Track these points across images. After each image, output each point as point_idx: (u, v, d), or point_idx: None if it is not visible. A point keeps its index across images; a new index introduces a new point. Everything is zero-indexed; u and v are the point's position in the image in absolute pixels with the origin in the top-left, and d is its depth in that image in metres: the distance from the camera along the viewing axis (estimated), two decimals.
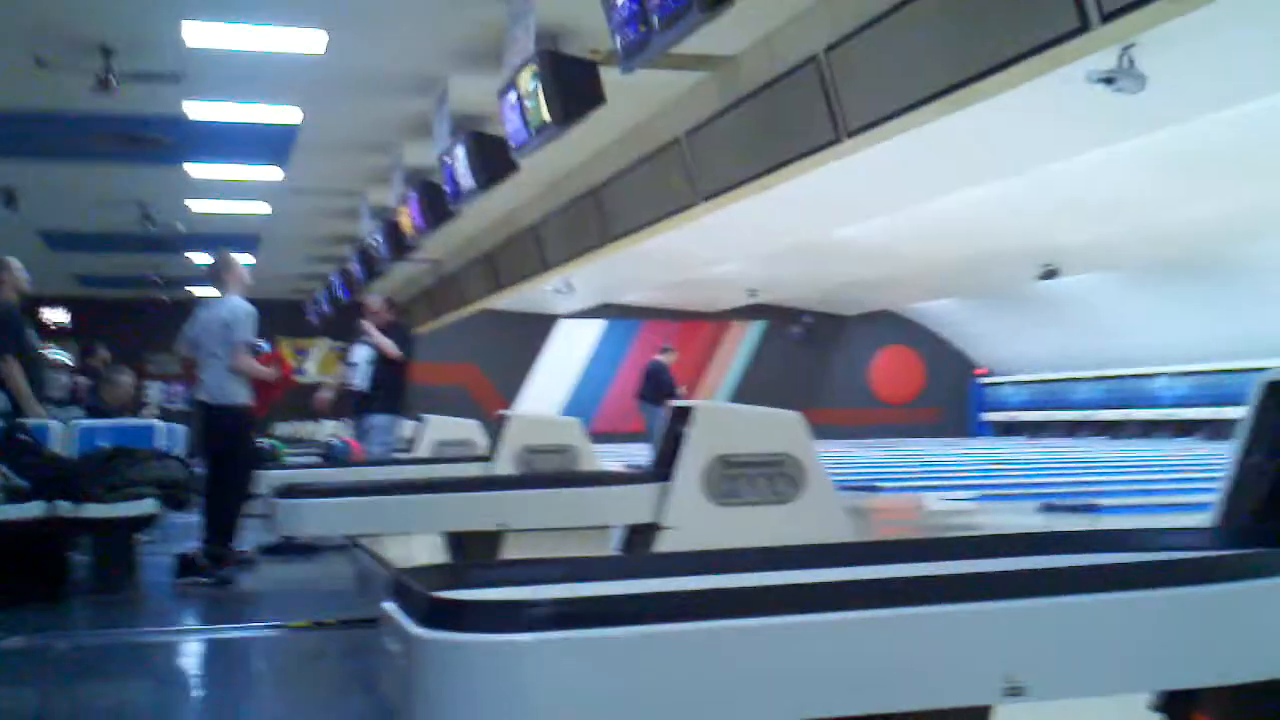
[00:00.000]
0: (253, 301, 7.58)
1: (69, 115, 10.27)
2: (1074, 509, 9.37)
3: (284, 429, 18.18)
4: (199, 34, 8.29)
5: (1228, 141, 11.48)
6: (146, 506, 5.99)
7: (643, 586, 2.26)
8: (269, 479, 7.36)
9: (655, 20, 6.01)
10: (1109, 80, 7.49)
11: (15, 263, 8.20)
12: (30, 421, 6.77)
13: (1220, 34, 7.20)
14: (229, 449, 7.11)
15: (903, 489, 12.54)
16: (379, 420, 9.45)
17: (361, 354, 9.44)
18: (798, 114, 8.12)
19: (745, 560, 2.45)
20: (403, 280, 21.05)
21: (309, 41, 8.51)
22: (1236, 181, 13.24)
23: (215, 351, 7.10)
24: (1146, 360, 21.92)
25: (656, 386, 16.17)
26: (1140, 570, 2.21)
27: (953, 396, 27.24)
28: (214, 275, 7.51)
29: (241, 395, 7.14)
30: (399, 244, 13.26)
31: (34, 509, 5.82)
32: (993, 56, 6.21)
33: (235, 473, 7.08)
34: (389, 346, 9.27)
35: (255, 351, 7.52)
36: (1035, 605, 2.10)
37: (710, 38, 6.72)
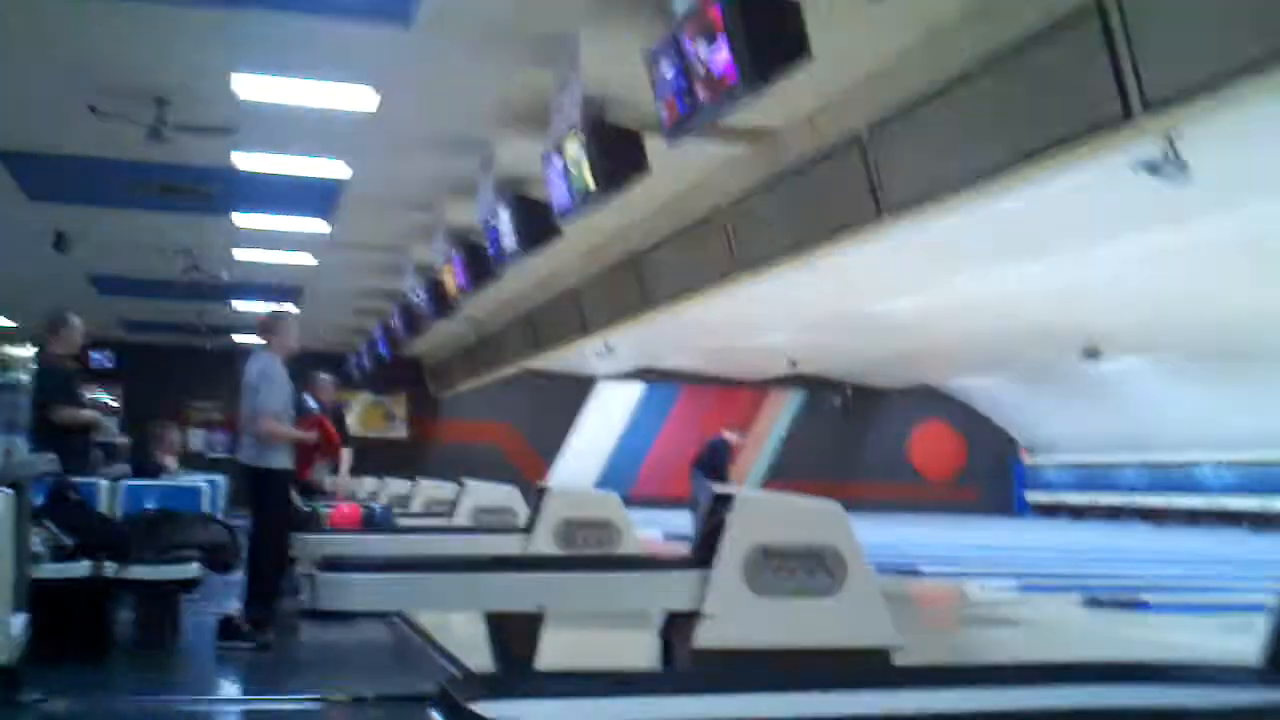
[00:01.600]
0: (296, 357, 7.57)
1: (121, 163, 10.41)
2: (1120, 604, 9.17)
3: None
4: (251, 88, 8.39)
5: (1271, 232, 11.39)
6: (191, 570, 6.02)
7: (685, 708, 2.19)
8: (310, 545, 7.38)
9: (701, 94, 6.01)
10: (1153, 168, 7.44)
11: (75, 320, 8.33)
12: (78, 480, 6.81)
13: (1264, 126, 7.14)
14: (266, 511, 7.12)
15: (944, 574, 12.34)
16: None
17: None
18: (839, 190, 8.10)
19: (769, 680, 2.37)
20: (443, 337, 21.12)
21: (359, 99, 8.58)
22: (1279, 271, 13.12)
23: (248, 413, 7.13)
24: (1191, 446, 21.62)
25: (712, 462, 16.13)
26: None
27: (993, 475, 26.97)
28: (261, 330, 7.54)
29: (280, 459, 7.15)
30: (442, 302, 13.31)
31: (80, 568, 5.86)
32: (1035, 142, 6.16)
33: (274, 537, 7.08)
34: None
35: (303, 412, 7.54)
36: None
37: (755, 112, 6.72)
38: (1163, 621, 9.01)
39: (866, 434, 27.30)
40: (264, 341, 7.45)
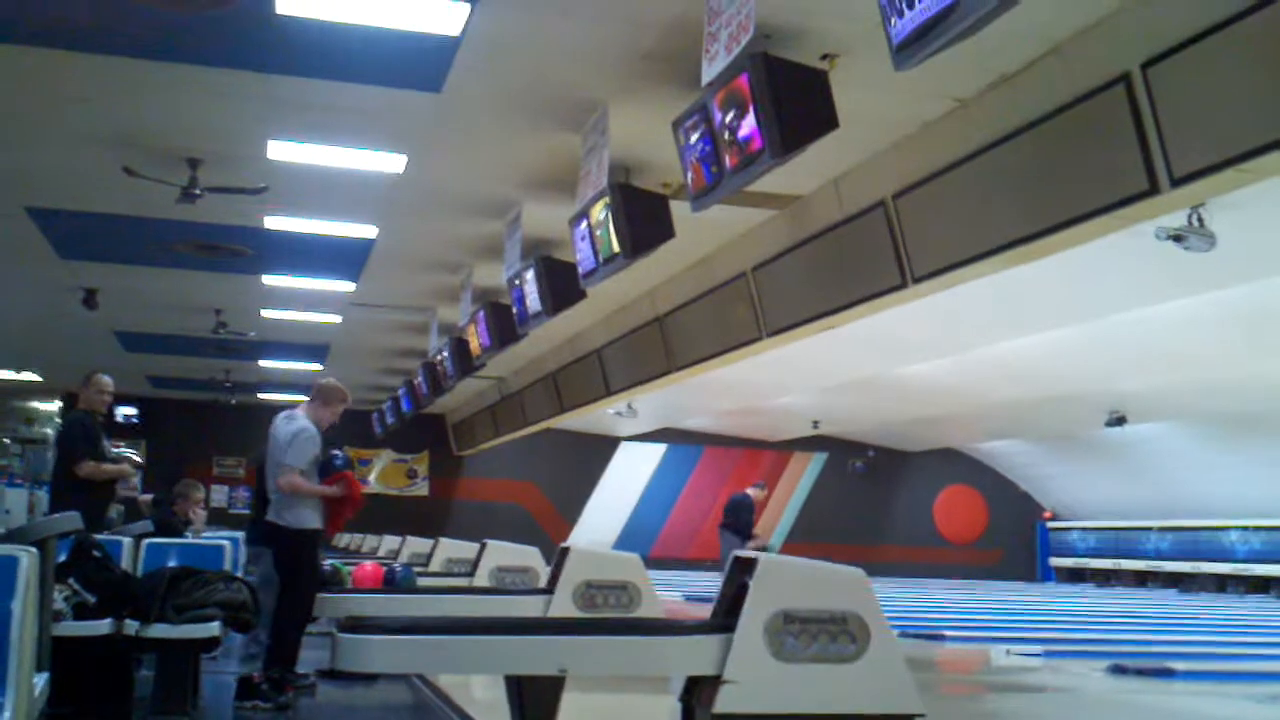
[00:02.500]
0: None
1: (153, 222, 10.53)
2: (1145, 672, 9.09)
3: (341, 538, 18.22)
4: (283, 151, 8.52)
5: None
6: (212, 629, 6.02)
7: None
8: (331, 605, 7.39)
9: (727, 162, 6.08)
10: (1178, 238, 7.48)
11: (105, 379, 8.47)
12: (102, 538, 6.85)
13: None
14: (294, 572, 7.15)
15: (968, 639, 12.25)
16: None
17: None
18: (865, 257, 8.14)
19: None
20: (467, 396, 21.20)
21: (388, 162, 8.70)
22: None
23: (274, 471, 7.17)
24: (1217, 512, 21.45)
25: (736, 519, 16.06)
26: None
27: (1018, 539, 26.77)
28: (315, 392, 7.66)
29: (309, 519, 7.18)
30: (465, 361, 13.38)
31: (102, 626, 5.86)
32: (1061, 213, 6.20)
33: (299, 597, 7.10)
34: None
35: (333, 467, 7.58)
36: None
37: (781, 177, 6.78)
38: (1189, 689, 8.92)
39: (890, 496, 27.17)
40: (308, 402, 7.55)
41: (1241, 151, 5.07)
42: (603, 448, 26.27)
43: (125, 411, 23.97)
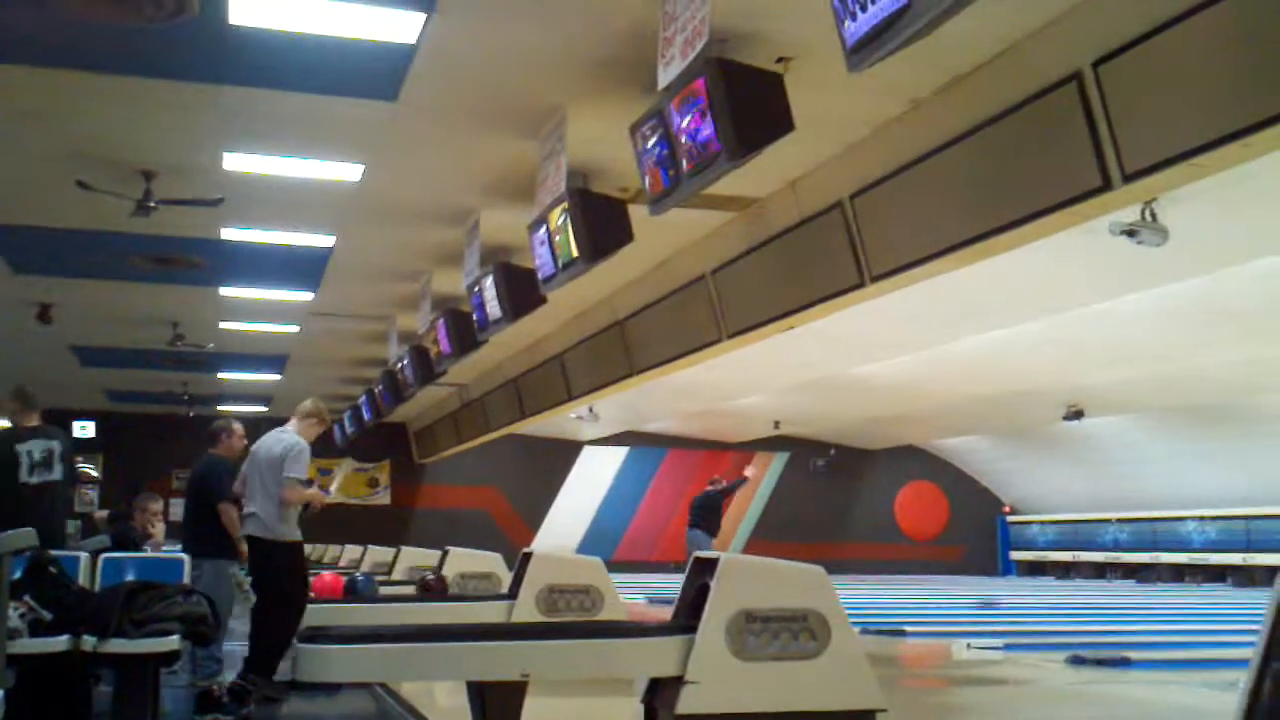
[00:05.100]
0: (279, 421, 7.69)
1: (107, 236, 10.43)
2: (1104, 662, 9.19)
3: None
4: (239, 163, 8.47)
5: (1248, 294, 11.54)
6: (171, 643, 5.97)
7: None
8: None
9: (684, 165, 6.10)
10: (1131, 233, 7.58)
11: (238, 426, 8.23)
12: (58, 554, 6.79)
13: (1242, 190, 7.27)
14: (276, 585, 7.16)
15: (929, 634, 12.33)
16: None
17: None
18: (822, 257, 8.19)
19: None
20: (428, 404, 21.12)
21: (345, 172, 8.67)
22: (1259, 333, 13.28)
23: (267, 485, 7.19)
24: (1174, 504, 21.74)
25: (704, 514, 16.13)
26: None
27: (978, 534, 26.99)
28: (303, 414, 7.68)
29: (293, 532, 7.23)
30: (426, 369, 13.34)
31: (59, 643, 5.80)
32: (1016, 210, 6.26)
33: (279, 610, 7.09)
34: None
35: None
36: None
37: (738, 180, 6.82)
38: (1146, 678, 9.03)
39: (851, 495, 27.31)
40: (295, 421, 7.63)
41: (1192, 146, 5.14)
42: (565, 452, 26.25)
43: (81, 431, 23.70)
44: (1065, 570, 24.59)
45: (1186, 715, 7.98)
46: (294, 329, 15.19)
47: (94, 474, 24.39)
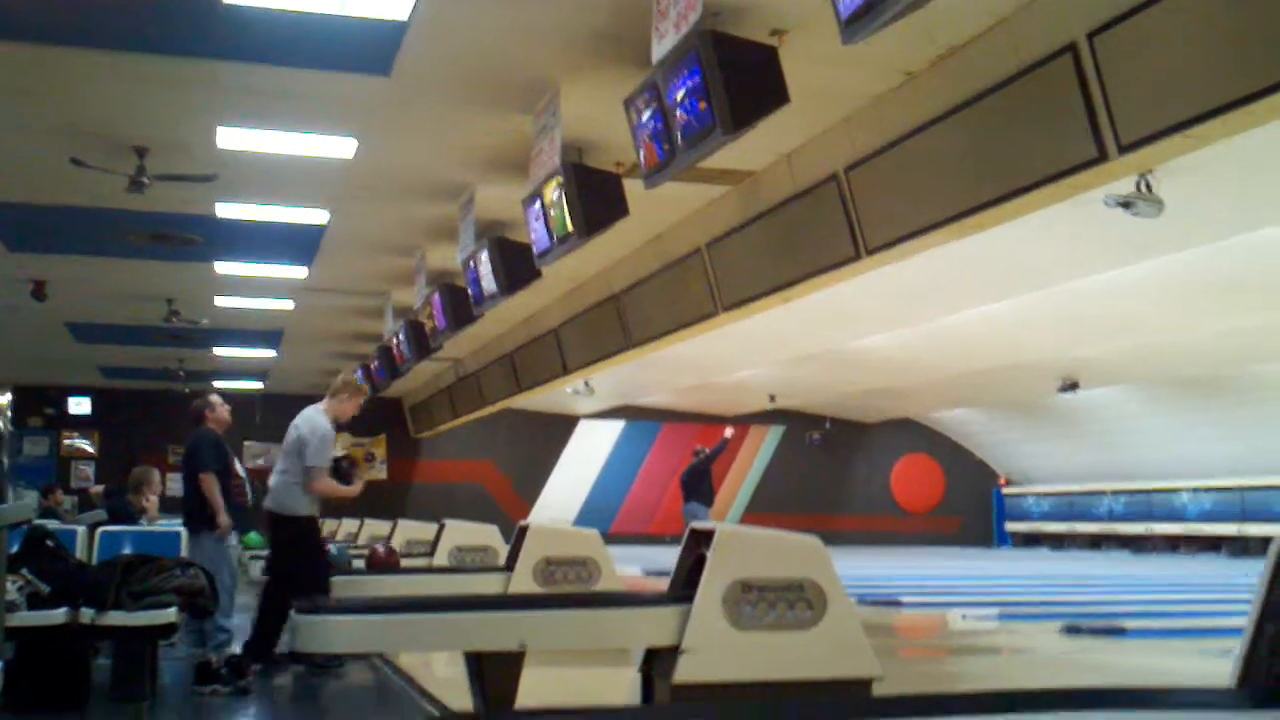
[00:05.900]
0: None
1: (102, 212, 10.42)
2: (1098, 631, 9.24)
3: None
4: (232, 138, 8.45)
5: (1244, 265, 11.55)
6: (169, 615, 6.00)
7: None
8: None
9: (679, 138, 6.10)
10: (1127, 205, 7.58)
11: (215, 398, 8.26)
12: (54, 526, 6.82)
13: (1237, 162, 7.27)
14: (281, 559, 7.23)
15: (925, 604, 12.39)
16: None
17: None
18: (818, 230, 8.19)
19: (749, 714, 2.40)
20: (424, 378, 21.13)
21: (339, 147, 8.65)
22: (1252, 304, 13.30)
23: (285, 464, 7.28)
24: (1169, 474, 21.80)
25: (696, 479, 16.20)
26: None
27: (974, 506, 27.07)
28: (335, 389, 7.90)
29: (303, 506, 7.33)
30: (421, 344, 13.35)
31: (57, 615, 5.84)
32: (1011, 182, 6.26)
33: (287, 584, 7.13)
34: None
35: (342, 468, 7.72)
36: None
37: (733, 153, 6.82)
38: (1140, 647, 9.09)
39: (847, 467, 27.38)
40: (328, 399, 7.80)
41: (1187, 117, 5.14)
42: (561, 426, 26.29)
43: (77, 408, 23.74)
44: (1060, 541, 24.68)
45: (1180, 681, 8.03)
46: (289, 305, 15.19)
47: (89, 450, 24.42)
